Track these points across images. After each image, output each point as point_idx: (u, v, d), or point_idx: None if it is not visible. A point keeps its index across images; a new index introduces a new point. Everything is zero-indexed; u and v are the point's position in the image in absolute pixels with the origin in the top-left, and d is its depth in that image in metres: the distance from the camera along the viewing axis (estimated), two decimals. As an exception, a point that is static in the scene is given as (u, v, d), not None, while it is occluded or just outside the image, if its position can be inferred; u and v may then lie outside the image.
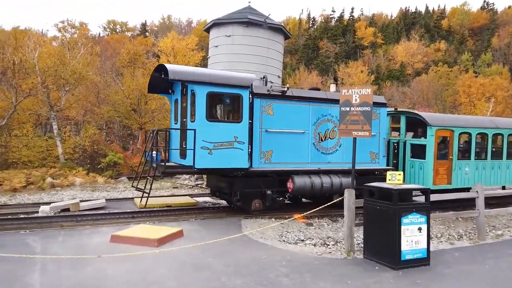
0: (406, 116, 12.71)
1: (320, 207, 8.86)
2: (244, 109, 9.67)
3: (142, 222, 9.13)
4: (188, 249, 6.84)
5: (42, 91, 20.84)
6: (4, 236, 7.76)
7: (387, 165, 12.11)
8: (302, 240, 8.44)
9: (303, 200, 12.43)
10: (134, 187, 11.26)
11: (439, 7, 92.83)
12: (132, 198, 12.93)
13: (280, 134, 10.32)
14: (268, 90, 10.27)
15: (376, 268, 6.39)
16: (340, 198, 7.88)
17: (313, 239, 8.56)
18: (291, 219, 9.30)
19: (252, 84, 9.97)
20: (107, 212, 10.50)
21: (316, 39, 70.74)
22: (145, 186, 10.41)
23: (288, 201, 12.00)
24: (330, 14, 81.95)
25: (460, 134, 12.15)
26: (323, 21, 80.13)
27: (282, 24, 22.87)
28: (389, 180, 6.84)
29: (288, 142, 10.46)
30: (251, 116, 9.94)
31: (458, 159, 12.09)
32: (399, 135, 12.78)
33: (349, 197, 7.09)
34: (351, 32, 72.08)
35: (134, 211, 10.65)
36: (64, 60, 21.84)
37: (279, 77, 20.10)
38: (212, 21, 19.82)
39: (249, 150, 9.78)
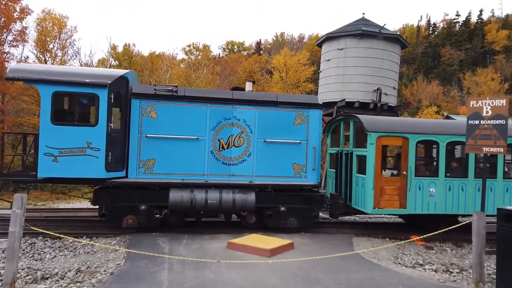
0: (355, 122, 10.37)
1: (443, 230, 8.08)
2: (101, 111, 8.52)
3: (254, 231, 9.53)
4: (299, 262, 6.91)
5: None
6: (142, 236, 8.91)
7: (318, 180, 9.96)
8: (421, 264, 7.84)
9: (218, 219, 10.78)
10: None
11: None
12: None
13: (165, 140, 9.18)
14: (154, 90, 9.24)
15: (514, 305, 5.57)
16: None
17: (433, 264, 7.88)
18: (408, 241, 8.69)
19: (123, 82, 8.86)
20: (224, 220, 11.21)
21: (437, 46, 65.35)
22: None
23: (192, 220, 10.24)
24: (454, 19, 74.84)
25: (418, 142, 9.58)
26: (446, 26, 73.66)
27: (399, 33, 21.80)
28: (530, 204, 5.93)
29: (176, 150, 9.24)
30: (119, 120, 8.96)
31: (416, 176, 9.50)
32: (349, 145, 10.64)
33: (478, 221, 6.34)
34: (479, 37, 64.63)
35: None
36: (190, 79, 24.45)
37: (394, 88, 19.16)
38: (324, 35, 19.96)
39: (109, 158, 8.59)
